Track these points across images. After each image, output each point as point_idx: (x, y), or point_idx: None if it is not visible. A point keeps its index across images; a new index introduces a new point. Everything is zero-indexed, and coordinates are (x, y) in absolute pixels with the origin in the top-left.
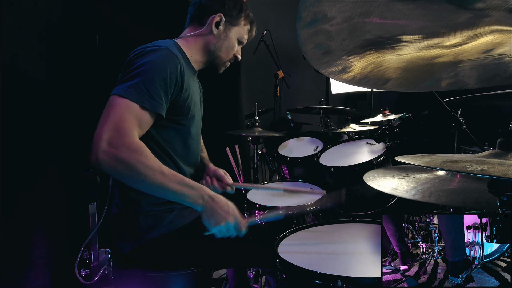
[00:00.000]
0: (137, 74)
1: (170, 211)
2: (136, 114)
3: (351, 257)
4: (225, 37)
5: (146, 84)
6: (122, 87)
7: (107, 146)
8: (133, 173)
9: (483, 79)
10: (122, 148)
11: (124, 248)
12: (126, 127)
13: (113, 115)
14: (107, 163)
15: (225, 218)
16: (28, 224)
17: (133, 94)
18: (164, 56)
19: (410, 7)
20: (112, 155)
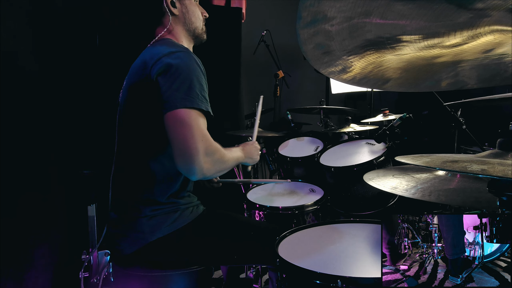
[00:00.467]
0: (189, 83)
1: (174, 211)
2: (203, 119)
3: (351, 257)
4: (186, 9)
5: (201, 91)
6: (181, 99)
7: (206, 157)
8: (224, 166)
9: (483, 79)
10: (215, 152)
11: (125, 250)
12: (207, 133)
13: (195, 129)
14: (212, 169)
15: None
16: (28, 224)
17: (194, 103)
18: (194, 59)
19: (410, 7)
20: (212, 161)
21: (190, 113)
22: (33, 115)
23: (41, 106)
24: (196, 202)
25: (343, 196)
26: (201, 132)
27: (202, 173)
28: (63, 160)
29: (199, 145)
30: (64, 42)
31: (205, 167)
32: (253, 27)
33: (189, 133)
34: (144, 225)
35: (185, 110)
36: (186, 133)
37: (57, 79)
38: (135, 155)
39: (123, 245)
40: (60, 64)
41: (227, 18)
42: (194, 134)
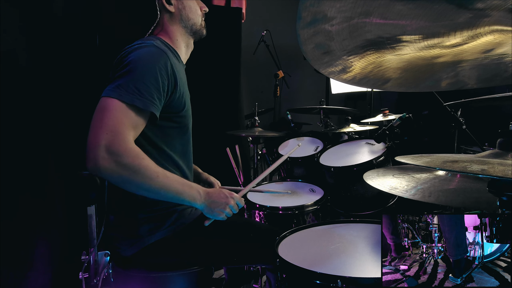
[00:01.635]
0: (125, 73)
1: (172, 213)
2: (130, 116)
3: (351, 257)
4: (183, 5)
5: (135, 83)
6: (112, 87)
7: (107, 153)
8: (137, 178)
9: (483, 79)
10: (123, 154)
11: (124, 252)
12: (123, 131)
13: (107, 119)
14: (109, 169)
15: (225, 203)
16: (28, 225)
17: (123, 94)
18: (151, 53)
19: (410, 7)
20: (114, 161)
21: (111, 103)
22: (32, 115)
23: (40, 106)
24: None
25: (343, 196)
26: (112, 126)
27: (97, 168)
28: (63, 161)
29: (102, 137)
30: (64, 42)
31: (100, 163)
32: (253, 27)
33: (99, 121)
34: (141, 228)
35: (108, 98)
36: (96, 120)
37: (57, 79)
38: None
39: (122, 248)
40: (60, 64)
41: (227, 18)
42: (102, 124)
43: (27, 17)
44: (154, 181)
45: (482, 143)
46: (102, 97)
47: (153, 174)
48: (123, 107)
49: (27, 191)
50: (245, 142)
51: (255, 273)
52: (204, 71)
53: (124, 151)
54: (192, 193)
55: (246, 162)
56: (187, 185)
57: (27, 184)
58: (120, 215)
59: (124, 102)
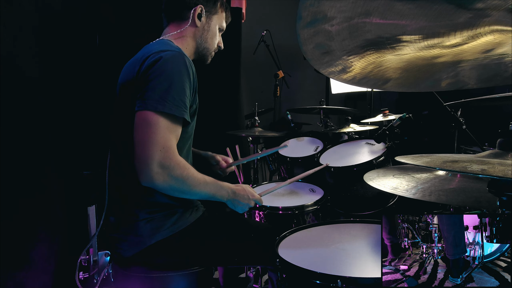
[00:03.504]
0: (167, 85)
1: (172, 214)
2: (174, 128)
3: (351, 257)
4: (208, 28)
5: (179, 95)
6: (154, 100)
7: (160, 168)
8: (185, 186)
9: (483, 79)
10: (174, 167)
11: (125, 253)
12: (173, 146)
13: (157, 135)
14: (163, 182)
15: (247, 204)
16: (28, 225)
17: (172, 107)
18: (185, 63)
19: (410, 7)
20: (167, 175)
21: (157, 118)
22: (32, 115)
23: (40, 106)
24: (195, 204)
25: (343, 196)
26: (163, 142)
27: (152, 183)
28: (63, 161)
29: (155, 154)
30: (64, 42)
31: (155, 178)
32: (253, 27)
33: (149, 138)
34: (142, 229)
35: (154, 113)
36: (146, 137)
37: (57, 79)
38: (128, 157)
39: (122, 248)
40: (60, 64)
41: None
42: (154, 140)
43: (27, 17)
44: (197, 187)
45: (482, 143)
46: (145, 110)
47: (196, 181)
48: (170, 121)
49: (27, 191)
50: (245, 142)
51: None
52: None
53: (176, 164)
54: (222, 193)
55: (246, 162)
56: (219, 186)
57: (27, 184)
58: (121, 216)
59: (173, 115)
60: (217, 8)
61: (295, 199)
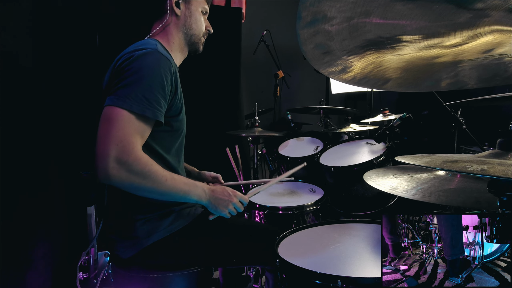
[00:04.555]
0: (132, 81)
1: (169, 214)
2: (138, 125)
3: (351, 257)
4: (190, 13)
5: (144, 92)
6: (119, 97)
7: (116, 164)
8: (148, 183)
9: (483, 79)
10: (133, 163)
11: (123, 254)
12: (132, 141)
13: (115, 129)
14: (120, 178)
15: (229, 201)
16: (28, 225)
17: (133, 104)
18: (157, 60)
19: (410, 7)
20: (124, 170)
21: (119, 113)
22: (32, 115)
23: (40, 106)
24: (192, 204)
25: (343, 196)
26: (121, 137)
27: (109, 179)
28: (63, 161)
29: (111, 148)
30: (64, 42)
31: (111, 174)
32: (253, 27)
33: (107, 133)
34: (139, 230)
35: (115, 108)
36: (105, 132)
37: (57, 79)
38: None
39: (120, 250)
40: (60, 64)
41: (227, 18)
42: (111, 135)
43: (27, 17)
44: (163, 184)
45: (482, 143)
46: (108, 105)
47: (161, 178)
48: (132, 117)
49: (27, 191)
50: (245, 142)
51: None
52: (204, 71)
53: (134, 160)
54: (197, 192)
55: (246, 162)
56: (192, 184)
57: (27, 184)
58: (117, 217)
59: (134, 112)
60: None
61: (295, 199)
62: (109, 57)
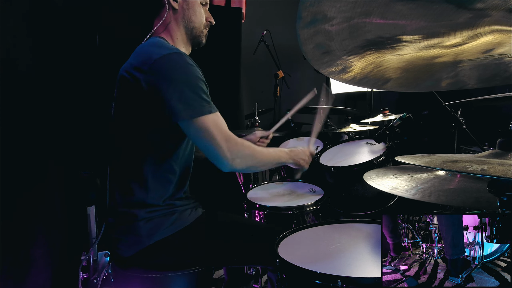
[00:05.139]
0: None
1: (171, 214)
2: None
3: (351, 257)
4: (187, 6)
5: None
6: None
7: (231, 155)
8: (257, 161)
9: (483, 79)
10: (240, 149)
11: (124, 253)
12: (228, 132)
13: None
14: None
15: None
16: (28, 224)
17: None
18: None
19: (410, 7)
20: (240, 158)
21: (203, 120)
22: (32, 115)
23: (40, 106)
24: (194, 204)
25: (343, 196)
26: (222, 134)
27: (232, 168)
28: (63, 161)
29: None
30: (64, 42)
31: (235, 165)
32: (253, 27)
33: (208, 137)
34: (141, 229)
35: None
36: (206, 139)
37: (57, 79)
38: (127, 158)
39: (121, 249)
40: (60, 64)
41: (227, 18)
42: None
43: (27, 17)
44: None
45: (482, 143)
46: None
47: (262, 153)
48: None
49: (27, 191)
50: None
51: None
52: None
53: (240, 147)
54: (284, 158)
55: None
56: (278, 151)
57: (27, 184)
58: (119, 216)
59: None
60: None
61: (295, 199)
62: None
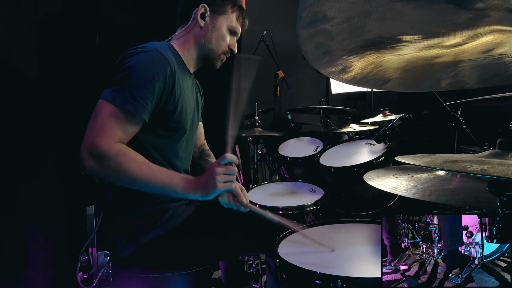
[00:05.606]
0: (123, 77)
1: (165, 211)
2: (118, 117)
3: (351, 257)
4: (213, 28)
5: (130, 88)
6: (109, 90)
7: (89, 154)
8: (121, 175)
9: (483, 79)
10: (103, 154)
11: (122, 253)
12: (106, 132)
13: (96, 122)
14: (93, 169)
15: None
16: (27, 224)
17: (117, 98)
18: (150, 58)
19: (410, 7)
20: (95, 161)
21: (104, 106)
22: (31, 115)
23: (39, 106)
24: (188, 201)
25: (343, 196)
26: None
27: (84, 168)
28: (62, 161)
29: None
30: (64, 42)
31: (86, 164)
32: (253, 27)
33: (90, 124)
34: (134, 227)
35: (103, 101)
36: (90, 123)
37: (57, 79)
38: None
39: (118, 249)
40: (60, 64)
41: None
42: (91, 126)
43: (27, 17)
44: (138, 174)
45: (482, 143)
46: (99, 99)
47: (135, 167)
48: (114, 110)
49: (26, 191)
50: (245, 142)
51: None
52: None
53: (104, 151)
54: (177, 184)
55: (246, 162)
56: (175, 175)
57: (27, 184)
58: (114, 216)
59: (116, 105)
60: (226, 8)
61: (295, 199)
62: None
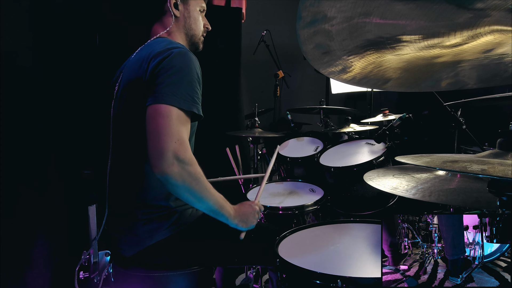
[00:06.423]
0: (176, 80)
1: (172, 214)
2: (186, 122)
3: (351, 257)
4: (188, 14)
5: (187, 89)
6: (167, 94)
7: (175, 160)
8: (197, 186)
9: (483, 79)
10: (189, 162)
11: (125, 253)
12: (185, 139)
13: (171, 126)
14: (178, 175)
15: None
16: (28, 224)
17: (181, 101)
18: (191, 58)
19: (410, 7)
20: (181, 168)
21: (170, 110)
22: (33, 115)
23: (40, 105)
24: None
25: (343, 196)
26: (177, 134)
27: (166, 175)
28: (63, 160)
29: (170, 145)
30: (64, 42)
31: (170, 169)
32: (253, 27)
33: (164, 129)
34: (141, 229)
35: (166, 106)
36: (161, 128)
37: (57, 79)
38: (128, 156)
39: (122, 248)
40: (60, 64)
41: (227, 18)
42: (168, 131)
43: (27, 17)
44: (207, 191)
45: (482, 143)
46: (157, 104)
47: (207, 185)
48: (181, 114)
49: (27, 191)
50: (245, 142)
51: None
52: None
53: (189, 159)
54: (228, 209)
55: (246, 162)
56: (226, 201)
57: (28, 184)
58: (120, 215)
59: (183, 109)
60: None
61: (295, 199)
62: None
